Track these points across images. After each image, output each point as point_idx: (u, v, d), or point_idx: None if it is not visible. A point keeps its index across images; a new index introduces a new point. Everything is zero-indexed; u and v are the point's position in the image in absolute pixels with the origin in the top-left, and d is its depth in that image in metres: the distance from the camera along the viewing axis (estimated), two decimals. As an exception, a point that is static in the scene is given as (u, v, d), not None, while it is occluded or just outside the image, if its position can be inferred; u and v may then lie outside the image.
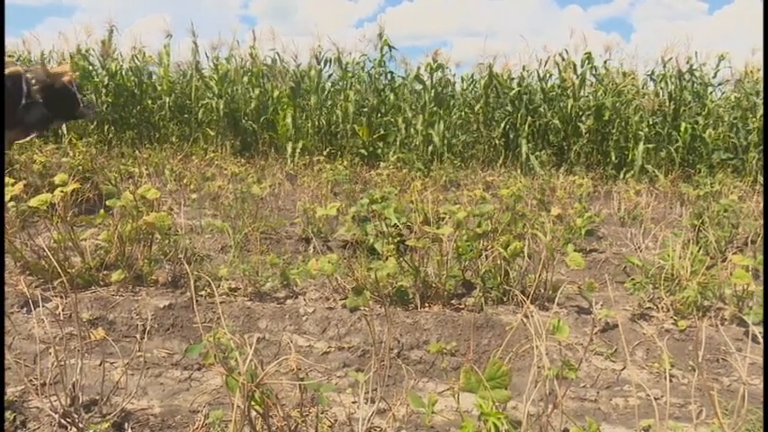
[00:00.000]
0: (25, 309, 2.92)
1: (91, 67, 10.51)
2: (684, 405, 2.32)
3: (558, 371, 1.79)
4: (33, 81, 5.09)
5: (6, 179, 3.26)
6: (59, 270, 2.92)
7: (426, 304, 3.19)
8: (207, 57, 10.84)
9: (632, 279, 3.35)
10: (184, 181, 6.16)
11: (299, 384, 1.79)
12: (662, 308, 3.15)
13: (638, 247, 4.41)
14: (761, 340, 2.63)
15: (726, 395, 2.38)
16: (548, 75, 9.86)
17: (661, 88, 9.41)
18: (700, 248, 3.49)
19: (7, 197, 3.19)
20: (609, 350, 2.73)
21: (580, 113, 9.35)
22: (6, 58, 5.27)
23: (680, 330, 2.92)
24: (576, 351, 2.69)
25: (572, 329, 2.90)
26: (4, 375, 2.39)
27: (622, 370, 2.58)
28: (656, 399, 2.34)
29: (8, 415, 2.03)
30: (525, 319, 2.08)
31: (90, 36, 10.45)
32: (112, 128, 9.91)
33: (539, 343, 1.78)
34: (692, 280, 3.11)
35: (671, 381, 2.49)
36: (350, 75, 10.36)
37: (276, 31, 10.27)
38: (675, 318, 3.03)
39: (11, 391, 2.24)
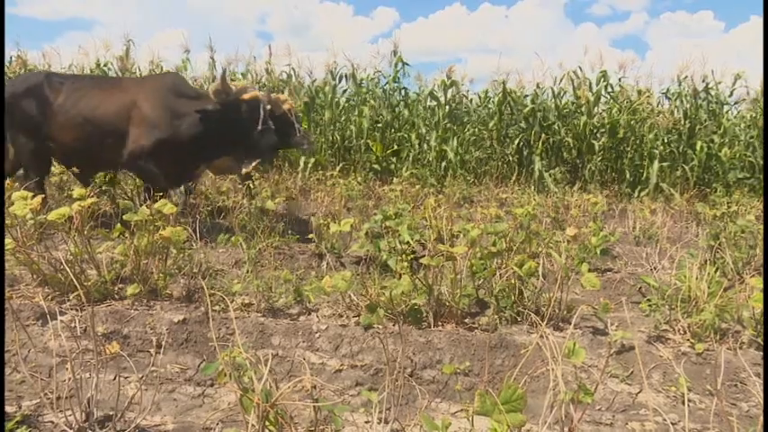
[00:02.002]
0: (41, 321, 2.94)
1: (109, 81, 10.63)
2: (702, 431, 2.29)
3: (573, 394, 1.77)
4: (269, 107, 5.06)
5: (25, 193, 3.30)
6: (76, 283, 2.94)
7: (440, 323, 3.17)
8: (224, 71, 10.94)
9: (648, 300, 3.32)
10: (200, 196, 6.19)
11: (314, 406, 1.79)
12: (678, 330, 3.12)
13: (654, 268, 4.38)
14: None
15: (744, 421, 2.35)
16: (562, 92, 9.86)
17: (676, 106, 9.38)
18: (717, 270, 3.45)
19: (26, 210, 3.22)
20: (625, 373, 2.70)
21: (594, 131, 9.33)
22: (241, 82, 5.28)
23: (697, 354, 2.88)
24: (592, 373, 2.66)
25: (587, 351, 2.87)
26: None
27: (638, 393, 2.55)
28: (673, 424, 2.31)
29: (23, 430, 2.04)
30: (540, 341, 2.07)
31: (109, 50, 10.61)
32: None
33: (554, 366, 1.77)
34: (709, 302, 3.07)
35: (688, 405, 2.46)
36: (364, 90, 10.42)
37: (292, 46, 10.39)
38: (692, 341, 2.99)
39: (26, 405, 2.25)
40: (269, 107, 5.05)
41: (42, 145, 5.18)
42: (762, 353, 2.86)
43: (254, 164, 5.19)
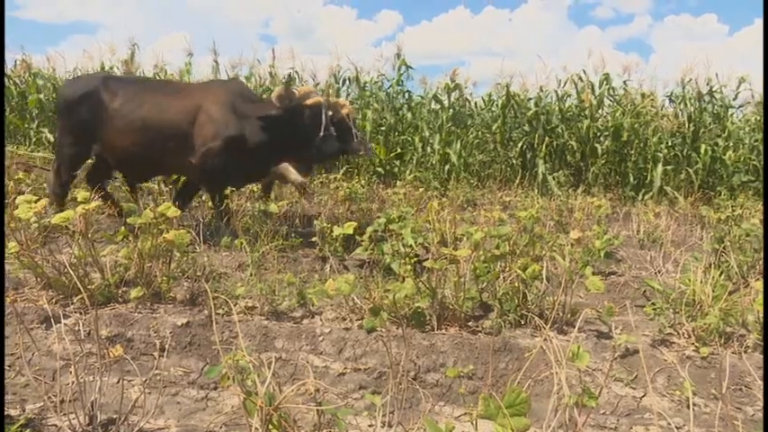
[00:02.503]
0: (45, 324, 2.95)
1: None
2: (707, 435, 2.28)
3: (577, 398, 1.77)
4: (331, 113, 5.05)
5: (30, 197, 3.31)
6: (79, 286, 2.94)
7: (443, 326, 3.17)
8: (227, 75, 10.98)
9: (652, 303, 3.31)
10: (203, 198, 6.19)
11: (317, 409, 1.78)
12: (683, 334, 3.11)
13: (658, 271, 4.37)
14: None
15: (749, 425, 2.34)
16: (565, 95, 9.86)
17: (680, 110, 9.36)
18: (721, 273, 3.44)
19: (30, 214, 3.23)
20: (629, 377, 2.69)
21: (598, 134, 9.32)
22: (304, 87, 5.23)
23: (702, 357, 2.87)
24: (596, 377, 2.66)
25: (591, 354, 2.87)
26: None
27: (643, 397, 2.54)
28: (677, 428, 2.30)
29: (27, 432, 2.05)
30: (544, 344, 2.06)
31: (114, 54, 10.65)
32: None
33: (558, 370, 1.77)
34: (713, 306, 3.06)
35: (693, 409, 2.45)
36: (368, 94, 10.44)
37: (295, 50, 10.40)
38: (697, 344, 2.98)
39: (30, 408, 2.25)
40: (330, 113, 5.05)
41: (89, 149, 5.17)
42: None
43: (309, 172, 5.21)
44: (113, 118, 4.99)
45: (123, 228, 3.53)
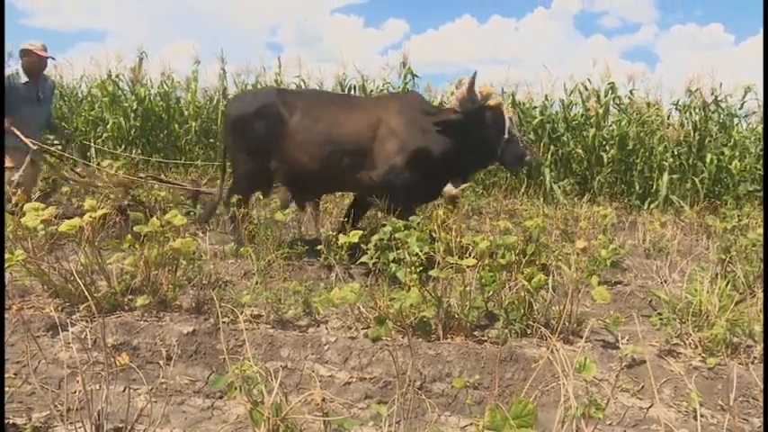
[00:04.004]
0: (51, 332, 2.95)
1: (120, 92, 10.74)
2: (714, 447, 2.27)
3: (584, 409, 1.76)
4: (511, 117, 4.79)
5: (37, 204, 3.33)
6: (86, 294, 2.95)
7: (449, 335, 3.16)
8: (234, 83, 11.04)
9: (659, 314, 3.30)
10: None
11: (324, 420, 1.78)
12: (690, 344, 3.10)
13: (664, 281, 4.35)
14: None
15: (757, 437, 2.32)
16: (571, 104, 9.86)
17: (686, 119, 9.34)
18: (728, 283, 3.42)
19: (37, 221, 3.24)
20: (636, 387, 2.68)
21: (603, 143, 9.31)
22: (485, 88, 4.82)
23: (708, 368, 2.86)
24: (602, 387, 2.64)
25: (597, 364, 2.85)
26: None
27: (650, 408, 2.53)
28: (684, 439, 2.29)
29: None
30: (550, 355, 2.06)
31: (120, 62, 10.71)
32: (139, 151, 10.08)
33: (565, 380, 1.76)
34: (720, 316, 3.05)
35: (700, 420, 2.43)
36: (374, 102, 10.44)
37: (302, 58, 10.48)
38: (704, 355, 2.97)
39: (36, 417, 2.26)
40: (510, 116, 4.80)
41: (267, 165, 4.99)
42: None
43: (464, 185, 4.98)
44: (291, 133, 4.83)
45: (130, 235, 3.53)
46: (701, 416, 2.48)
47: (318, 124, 4.81)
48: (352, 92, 10.58)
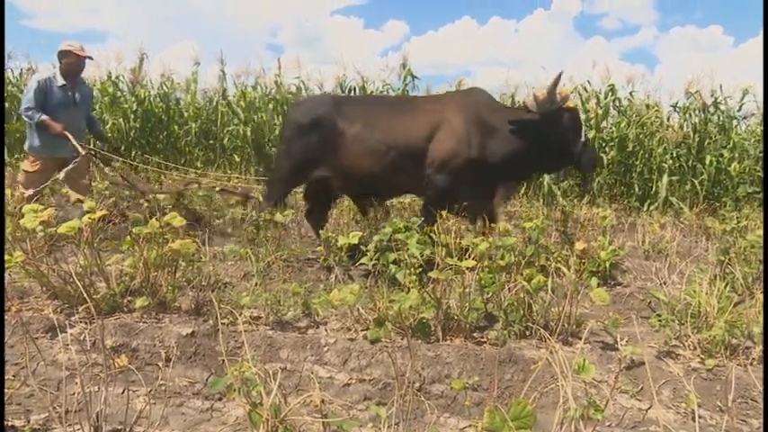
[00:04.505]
0: (50, 334, 2.95)
1: (120, 93, 10.74)
2: (713, 448, 2.27)
3: (583, 411, 1.76)
4: (583, 118, 4.71)
5: (36, 206, 3.33)
6: (85, 296, 2.95)
7: (448, 337, 3.16)
8: (234, 84, 11.04)
9: (658, 315, 3.30)
10: (211, 207, 6.21)
11: (323, 421, 1.78)
12: (688, 346, 3.10)
13: (664, 282, 4.35)
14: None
15: (756, 439, 2.33)
16: (571, 105, 9.84)
17: (685, 120, 9.35)
18: (726, 285, 3.43)
19: (36, 222, 3.24)
20: (634, 388, 2.68)
21: (603, 144, 9.31)
22: (564, 89, 4.68)
23: (707, 369, 2.86)
24: (601, 389, 2.65)
25: (597, 366, 2.85)
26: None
27: (648, 409, 2.53)
28: (683, 441, 2.29)
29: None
30: (549, 356, 2.06)
31: (121, 63, 10.71)
32: (139, 153, 10.08)
33: (564, 382, 1.76)
34: (719, 318, 3.05)
35: (699, 422, 2.44)
36: (373, 103, 10.44)
37: (301, 59, 10.46)
38: (702, 356, 2.97)
39: (34, 419, 2.25)
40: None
41: (309, 174, 4.93)
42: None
43: (505, 192, 4.87)
44: (350, 142, 4.73)
45: (129, 237, 3.53)
46: (700, 417, 2.48)
47: (379, 132, 4.70)
48: (354, 93, 10.59)
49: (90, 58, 5.64)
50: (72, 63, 5.49)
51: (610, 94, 9.61)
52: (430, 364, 2.80)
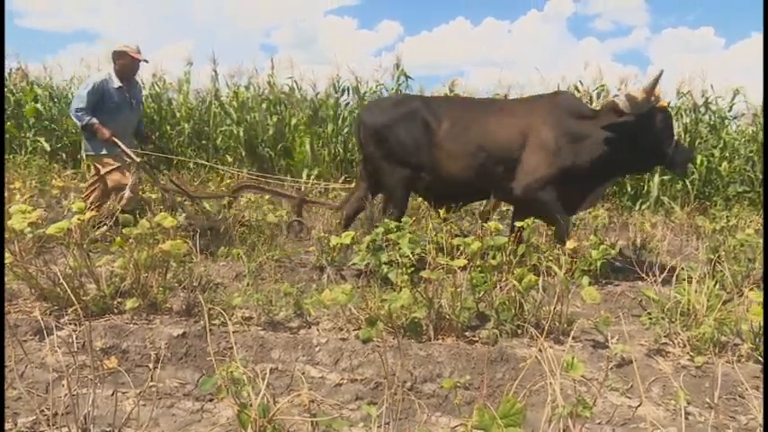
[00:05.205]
0: (38, 336, 2.94)
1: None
2: (702, 445, 2.28)
3: (572, 408, 1.77)
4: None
5: (24, 206, 3.31)
6: (74, 298, 2.94)
7: (440, 336, 3.17)
8: (227, 84, 11.02)
9: (648, 313, 3.31)
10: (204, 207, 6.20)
11: (312, 420, 1.78)
12: (678, 343, 3.11)
13: (655, 281, 4.36)
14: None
15: (745, 435, 2.34)
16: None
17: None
18: (716, 283, 3.45)
19: (25, 224, 3.22)
20: (624, 386, 2.69)
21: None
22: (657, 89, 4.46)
23: (696, 367, 2.87)
24: (592, 386, 2.65)
25: (587, 364, 2.86)
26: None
27: (638, 407, 2.53)
28: (672, 438, 2.30)
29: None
30: (539, 354, 2.06)
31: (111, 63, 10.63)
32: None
33: (552, 380, 1.77)
34: (708, 315, 3.07)
35: (687, 419, 2.45)
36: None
37: (294, 59, 10.45)
38: (692, 354, 2.99)
39: (22, 422, 2.24)
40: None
41: (419, 173, 4.81)
42: (761, 366, 2.85)
43: (596, 195, 4.82)
44: (443, 143, 4.66)
45: (119, 238, 3.52)
46: (689, 414, 2.49)
47: (470, 133, 4.63)
48: (346, 93, 10.59)
49: (145, 61, 5.52)
50: (127, 65, 5.38)
51: (602, 94, 9.64)
52: (421, 363, 2.80)
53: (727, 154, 9.02)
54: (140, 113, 5.78)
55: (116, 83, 5.33)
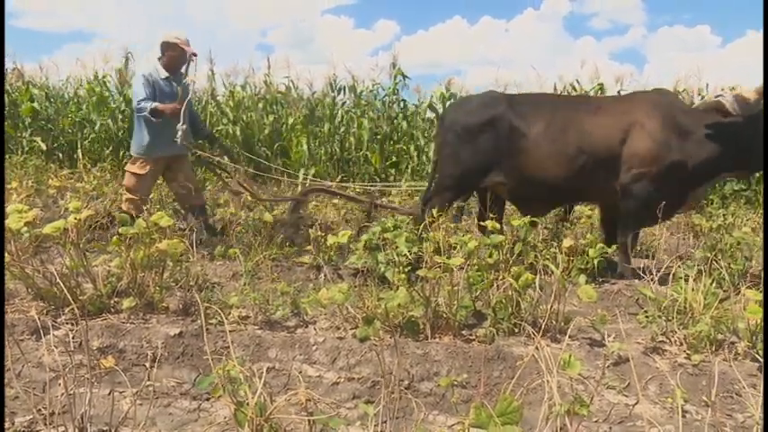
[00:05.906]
0: (35, 336, 2.93)
1: (108, 94, 10.68)
2: (699, 443, 2.28)
3: (569, 406, 1.77)
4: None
5: (20, 206, 3.30)
6: (70, 297, 2.93)
7: (437, 335, 3.17)
8: (223, 84, 11.00)
9: (645, 312, 3.32)
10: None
11: (308, 419, 1.78)
12: (675, 341, 3.12)
13: (651, 279, 4.37)
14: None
15: (741, 433, 2.34)
16: (559, 104, 9.89)
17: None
18: (713, 281, 3.45)
19: (21, 223, 3.21)
20: (621, 384, 2.69)
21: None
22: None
23: (693, 365, 2.88)
24: (589, 385, 2.66)
25: (584, 362, 2.87)
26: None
27: (635, 405, 2.54)
28: (669, 436, 2.30)
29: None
30: (536, 353, 2.07)
31: (108, 63, 10.65)
32: (127, 153, 10.01)
33: (549, 378, 1.77)
34: (705, 314, 3.07)
35: (684, 417, 2.45)
36: (363, 102, 10.47)
37: (291, 59, 10.46)
38: (689, 352, 2.99)
39: (19, 421, 2.24)
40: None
41: (483, 179, 4.69)
42: (757, 364, 2.86)
43: (696, 196, 4.67)
44: (536, 147, 4.51)
45: (116, 237, 3.51)
46: (686, 412, 2.50)
47: (566, 135, 4.48)
48: (343, 92, 10.58)
49: (195, 54, 5.32)
50: (176, 56, 5.22)
51: (599, 92, 9.66)
52: (418, 361, 2.81)
53: (725, 152, 9.02)
54: (191, 106, 5.53)
55: (163, 73, 5.20)
